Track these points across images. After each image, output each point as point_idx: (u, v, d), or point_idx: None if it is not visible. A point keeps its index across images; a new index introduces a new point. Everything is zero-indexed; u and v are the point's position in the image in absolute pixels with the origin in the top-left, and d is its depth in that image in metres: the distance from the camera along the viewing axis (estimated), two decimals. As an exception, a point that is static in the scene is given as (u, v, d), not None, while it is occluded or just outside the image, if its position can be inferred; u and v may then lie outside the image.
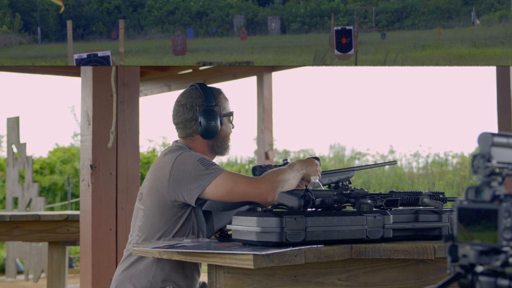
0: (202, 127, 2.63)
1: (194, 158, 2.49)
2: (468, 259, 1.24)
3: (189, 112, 2.65)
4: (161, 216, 2.53)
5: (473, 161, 1.25)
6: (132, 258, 2.56)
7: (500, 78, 5.11)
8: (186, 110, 2.66)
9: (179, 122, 2.68)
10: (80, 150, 3.81)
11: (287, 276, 2.04)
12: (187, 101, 2.66)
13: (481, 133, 1.25)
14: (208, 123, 2.63)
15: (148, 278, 2.50)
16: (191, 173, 2.46)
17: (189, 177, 2.46)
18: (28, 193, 7.42)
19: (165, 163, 2.54)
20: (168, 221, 2.53)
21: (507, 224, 1.18)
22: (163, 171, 2.53)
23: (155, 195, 2.54)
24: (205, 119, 2.63)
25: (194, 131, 2.66)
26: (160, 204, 2.53)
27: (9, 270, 7.63)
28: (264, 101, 7.06)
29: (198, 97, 2.66)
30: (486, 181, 1.24)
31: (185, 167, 2.48)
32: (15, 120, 7.75)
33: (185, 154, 2.53)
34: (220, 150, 2.72)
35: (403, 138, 26.91)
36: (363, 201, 2.18)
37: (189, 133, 2.67)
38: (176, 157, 2.53)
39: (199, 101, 2.65)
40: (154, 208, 2.54)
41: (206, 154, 2.69)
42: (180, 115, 2.67)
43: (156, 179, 2.55)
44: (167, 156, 2.58)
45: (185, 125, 2.67)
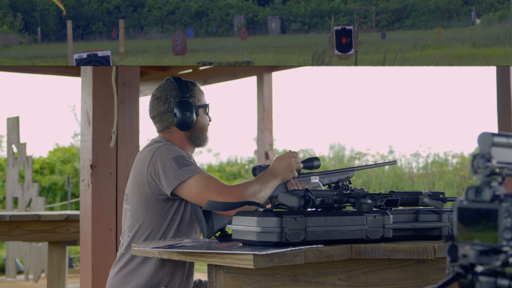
0: (178, 119, 2.65)
1: (170, 156, 2.51)
2: (468, 259, 1.24)
3: (164, 105, 2.68)
4: (147, 212, 2.54)
5: (473, 161, 1.25)
6: (123, 260, 2.56)
7: (500, 78, 5.11)
8: (161, 102, 2.68)
9: (156, 116, 2.70)
10: (80, 150, 3.81)
11: (287, 276, 2.04)
12: (162, 94, 2.69)
13: (481, 133, 1.25)
14: (183, 114, 2.65)
15: (141, 279, 2.50)
16: (166, 170, 2.47)
17: (163, 173, 2.48)
18: (28, 193, 7.42)
19: (143, 160, 2.56)
20: (155, 216, 2.53)
21: (507, 224, 1.19)
22: (141, 168, 2.55)
23: (138, 193, 2.55)
24: (180, 110, 2.65)
25: (170, 123, 2.68)
26: (144, 200, 2.54)
27: (9, 270, 7.63)
28: (264, 101, 7.05)
29: (173, 89, 2.69)
30: (486, 181, 1.24)
31: (161, 163, 2.49)
32: (15, 120, 7.75)
33: (162, 148, 2.54)
34: (199, 141, 2.73)
35: (403, 138, 26.90)
36: (363, 201, 2.18)
37: (165, 126, 2.69)
38: (153, 152, 2.54)
39: (173, 93, 2.68)
40: (139, 206, 2.55)
41: (185, 145, 2.70)
42: (155, 108, 2.70)
43: (136, 176, 2.57)
44: (145, 152, 2.59)
45: (161, 117, 2.69)
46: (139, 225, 2.56)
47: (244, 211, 2.16)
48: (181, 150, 2.59)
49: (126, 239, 2.59)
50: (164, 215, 2.54)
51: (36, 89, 27.96)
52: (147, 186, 2.53)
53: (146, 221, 2.55)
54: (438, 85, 25.76)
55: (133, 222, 2.58)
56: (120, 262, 2.58)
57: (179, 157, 2.51)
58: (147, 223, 2.55)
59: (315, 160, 2.67)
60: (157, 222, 2.54)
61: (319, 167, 2.67)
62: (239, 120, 26.10)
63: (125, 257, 2.57)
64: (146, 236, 2.55)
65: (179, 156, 2.51)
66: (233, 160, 19.04)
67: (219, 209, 2.31)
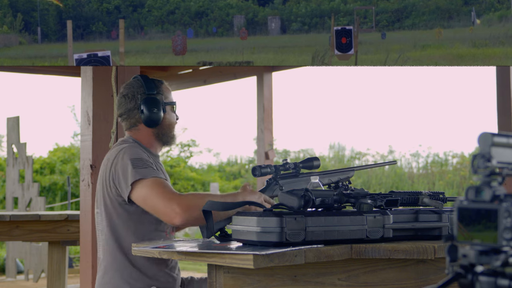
0: (145, 115, 2.63)
1: (129, 156, 2.48)
2: (468, 259, 1.24)
3: (131, 102, 2.66)
4: (117, 215, 2.52)
5: (473, 161, 1.25)
6: (102, 265, 2.55)
7: (500, 78, 5.10)
8: (128, 99, 2.66)
9: (123, 113, 2.68)
10: (80, 150, 3.81)
11: (287, 276, 2.04)
12: (129, 91, 2.68)
13: (481, 133, 1.25)
14: (150, 110, 2.63)
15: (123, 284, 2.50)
16: (124, 171, 2.46)
17: (122, 174, 2.46)
18: (28, 193, 7.42)
19: (107, 161, 2.56)
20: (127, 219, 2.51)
21: (507, 224, 1.18)
22: (105, 170, 2.54)
23: (105, 195, 2.54)
24: (147, 107, 2.63)
25: (137, 120, 2.66)
26: (110, 203, 2.52)
27: (9, 270, 7.63)
28: (264, 101, 7.05)
29: (140, 86, 2.67)
30: (486, 181, 1.24)
31: (121, 165, 2.47)
32: (15, 120, 7.75)
33: (124, 150, 2.52)
34: (166, 138, 2.71)
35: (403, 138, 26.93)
36: (363, 201, 2.18)
37: (133, 123, 2.67)
38: (116, 153, 2.53)
39: (140, 90, 2.66)
40: (108, 208, 2.53)
41: (152, 143, 2.68)
42: (123, 106, 2.68)
43: (102, 178, 2.56)
44: (110, 153, 2.59)
45: (128, 115, 2.67)
46: (111, 228, 2.53)
47: (245, 211, 2.16)
48: (143, 152, 2.55)
49: (102, 242, 2.57)
50: (131, 217, 2.51)
51: (36, 89, 27.99)
52: (109, 187, 2.51)
53: (117, 225, 2.52)
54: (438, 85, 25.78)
55: (106, 224, 2.55)
56: (100, 267, 2.58)
57: (137, 159, 2.48)
58: (118, 226, 2.52)
59: (315, 160, 2.67)
60: (130, 225, 2.51)
61: (319, 167, 2.67)
62: (239, 120, 26.11)
63: (103, 263, 2.56)
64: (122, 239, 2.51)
65: (138, 158, 2.48)
66: (233, 160, 19.05)
67: (218, 209, 2.30)
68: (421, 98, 26.86)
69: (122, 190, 2.48)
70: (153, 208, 2.40)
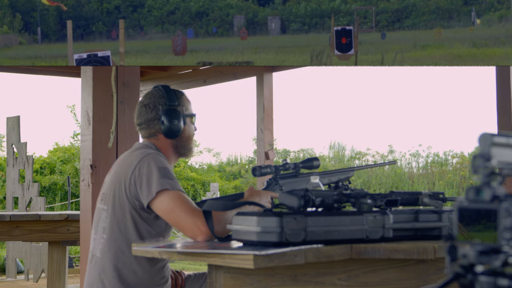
0: (165, 126, 2.63)
1: (156, 164, 2.46)
2: (468, 259, 1.24)
3: (152, 112, 2.65)
4: (130, 216, 2.50)
5: (473, 161, 1.25)
6: (100, 263, 2.53)
7: (500, 78, 5.10)
8: (149, 109, 2.65)
9: (142, 122, 2.67)
10: (80, 150, 3.81)
11: (287, 276, 2.04)
12: (150, 101, 2.66)
13: (481, 133, 1.25)
14: (171, 122, 2.63)
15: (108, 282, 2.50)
16: (149, 177, 2.44)
17: (146, 180, 2.44)
18: (28, 193, 7.42)
19: (130, 162, 2.52)
20: (133, 222, 2.49)
21: (507, 224, 1.19)
22: (126, 169, 2.51)
23: (121, 194, 2.51)
24: (168, 118, 2.63)
25: (157, 130, 2.65)
26: (128, 202, 2.49)
27: (9, 270, 7.63)
28: (264, 101, 7.04)
29: (161, 97, 2.66)
30: (486, 181, 1.24)
31: (147, 170, 2.45)
32: (15, 120, 7.75)
33: (151, 156, 2.50)
34: (184, 151, 2.70)
35: (403, 138, 26.93)
36: (363, 201, 2.18)
37: (152, 133, 2.66)
38: (142, 157, 2.50)
39: (162, 100, 2.65)
40: (120, 208, 2.51)
41: (170, 154, 2.67)
42: (143, 115, 2.67)
43: (119, 177, 2.53)
44: (134, 154, 2.55)
45: (148, 124, 2.66)
46: (116, 229, 2.51)
47: (245, 211, 2.16)
48: (167, 163, 2.55)
49: (99, 240, 2.55)
50: (141, 222, 2.50)
51: (36, 89, 28.00)
52: (127, 189, 2.49)
53: (125, 227, 2.50)
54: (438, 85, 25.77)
55: (109, 224, 2.52)
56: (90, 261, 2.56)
57: (164, 168, 2.47)
58: (124, 228, 2.50)
59: (315, 160, 2.67)
60: (136, 228, 2.49)
61: (319, 167, 2.68)
62: (239, 120, 26.12)
63: (102, 262, 2.53)
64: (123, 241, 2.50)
65: (164, 168, 2.47)
66: (233, 160, 19.05)
67: (219, 209, 2.30)
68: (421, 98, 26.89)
69: (142, 195, 2.45)
70: (176, 222, 2.39)
